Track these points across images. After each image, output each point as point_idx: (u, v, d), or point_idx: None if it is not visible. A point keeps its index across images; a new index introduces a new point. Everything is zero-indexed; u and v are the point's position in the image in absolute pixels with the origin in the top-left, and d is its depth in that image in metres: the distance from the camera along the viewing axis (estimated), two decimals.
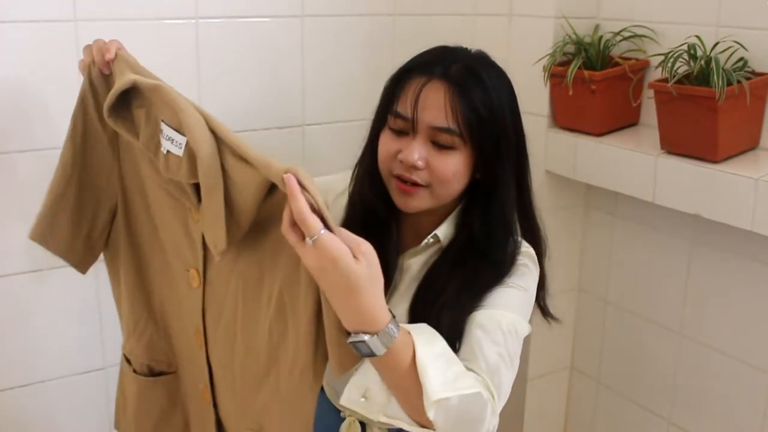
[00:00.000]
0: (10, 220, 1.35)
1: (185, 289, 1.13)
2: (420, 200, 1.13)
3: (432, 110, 1.10)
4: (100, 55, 1.07)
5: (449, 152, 1.11)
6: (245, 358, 1.08)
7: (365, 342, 0.92)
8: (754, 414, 1.54)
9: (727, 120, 1.36)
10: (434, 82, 1.11)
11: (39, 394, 1.44)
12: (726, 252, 1.55)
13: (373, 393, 1.00)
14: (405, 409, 0.99)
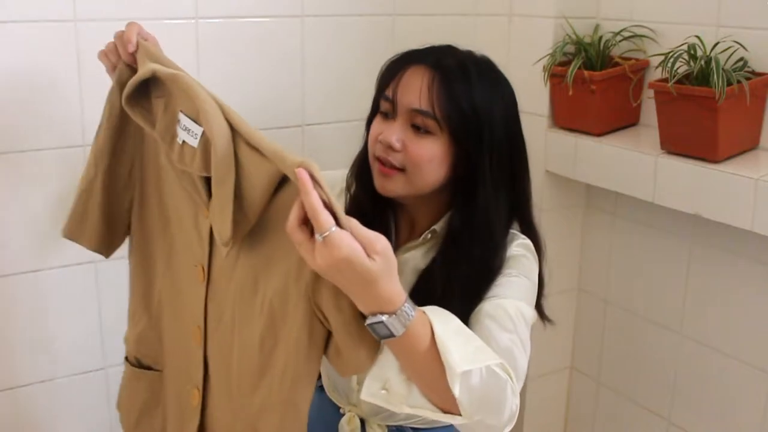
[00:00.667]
0: (10, 220, 1.35)
1: (191, 285, 1.12)
2: (395, 183, 1.14)
3: (412, 93, 1.13)
4: (123, 49, 1.08)
5: (426, 137, 1.13)
6: (241, 362, 1.07)
7: (383, 322, 0.91)
8: (754, 414, 1.54)
9: (727, 120, 1.36)
10: (421, 67, 1.14)
11: (39, 394, 1.44)
12: (726, 252, 1.55)
13: (393, 384, 0.98)
14: (428, 395, 0.98)
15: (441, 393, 0.95)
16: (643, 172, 1.50)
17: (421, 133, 1.13)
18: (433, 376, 0.95)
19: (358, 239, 0.87)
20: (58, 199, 1.38)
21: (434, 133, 1.13)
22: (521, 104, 1.21)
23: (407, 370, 0.97)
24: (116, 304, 1.47)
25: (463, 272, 1.12)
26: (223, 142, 0.94)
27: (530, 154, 1.78)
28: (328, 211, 0.85)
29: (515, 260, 1.17)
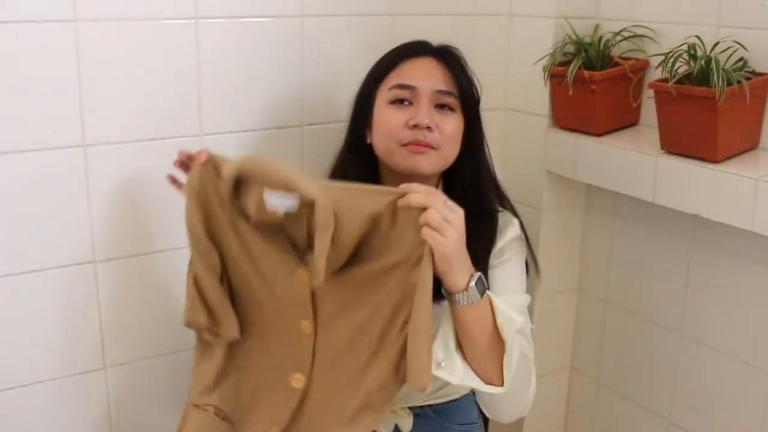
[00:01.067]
0: (10, 219, 1.35)
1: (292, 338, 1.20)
2: (430, 160, 1.27)
3: (432, 78, 1.29)
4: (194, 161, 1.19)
5: (451, 114, 1.30)
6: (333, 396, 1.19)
7: (480, 277, 1.13)
8: (754, 414, 1.54)
9: (727, 120, 1.37)
10: (426, 58, 1.31)
11: (39, 394, 1.44)
12: (726, 252, 1.55)
13: (454, 358, 1.16)
14: (477, 368, 1.17)
15: (489, 364, 1.16)
16: (643, 172, 1.51)
17: (446, 111, 1.29)
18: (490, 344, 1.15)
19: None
20: (58, 200, 1.38)
21: (455, 110, 1.30)
22: (521, 104, 1.25)
23: (467, 340, 1.15)
24: (116, 304, 1.47)
25: (473, 233, 1.24)
26: (322, 198, 1.08)
27: (530, 154, 1.80)
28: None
29: (517, 242, 1.35)
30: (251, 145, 1.54)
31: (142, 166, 1.44)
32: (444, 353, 1.16)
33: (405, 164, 1.27)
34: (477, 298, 1.12)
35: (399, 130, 1.26)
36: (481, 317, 1.14)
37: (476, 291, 1.12)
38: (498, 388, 1.16)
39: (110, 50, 1.36)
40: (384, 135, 1.29)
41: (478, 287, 1.12)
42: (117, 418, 1.53)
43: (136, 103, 1.41)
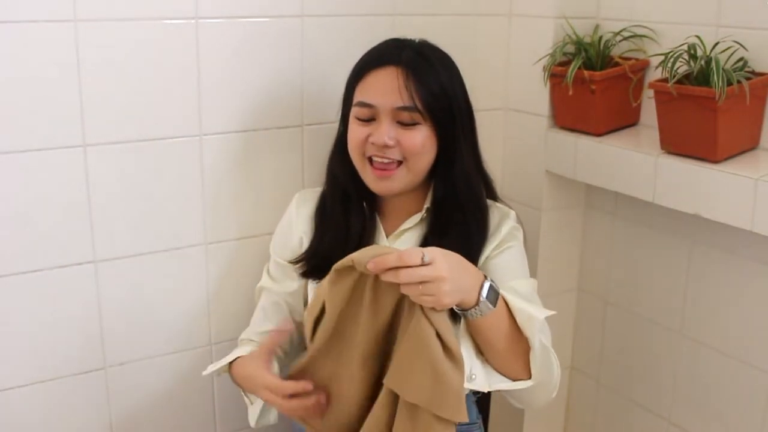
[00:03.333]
0: (10, 219, 1.35)
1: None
2: (398, 180, 1.29)
3: (391, 94, 1.25)
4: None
5: (414, 127, 1.27)
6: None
7: (491, 285, 1.13)
8: (754, 414, 1.54)
9: (727, 120, 1.36)
10: (389, 69, 1.27)
11: (39, 394, 1.44)
12: (726, 252, 1.55)
13: (477, 370, 1.16)
14: (501, 369, 1.18)
15: (513, 362, 1.17)
16: (643, 172, 1.50)
17: (409, 126, 1.27)
18: (511, 344, 1.15)
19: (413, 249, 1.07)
20: (58, 200, 1.38)
21: (419, 123, 1.27)
22: (521, 104, 1.24)
23: (487, 346, 1.16)
24: (116, 304, 1.47)
25: (457, 241, 1.26)
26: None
27: (530, 154, 1.80)
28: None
29: (515, 231, 1.37)
30: (251, 145, 1.54)
31: (142, 166, 1.44)
32: (470, 365, 1.15)
33: (373, 188, 1.31)
34: (490, 309, 1.12)
35: (361, 144, 1.29)
36: (498, 323, 1.15)
37: (488, 303, 1.12)
38: (526, 382, 1.17)
39: (110, 50, 1.36)
40: (351, 149, 1.32)
41: (490, 297, 1.12)
42: (117, 418, 1.53)
43: (136, 103, 1.41)
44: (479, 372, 1.16)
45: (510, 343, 1.16)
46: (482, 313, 1.12)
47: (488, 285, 1.13)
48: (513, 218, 1.38)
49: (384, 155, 1.27)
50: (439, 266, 1.05)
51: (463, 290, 1.10)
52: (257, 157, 1.56)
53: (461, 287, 1.09)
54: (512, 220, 1.37)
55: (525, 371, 1.18)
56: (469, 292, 1.11)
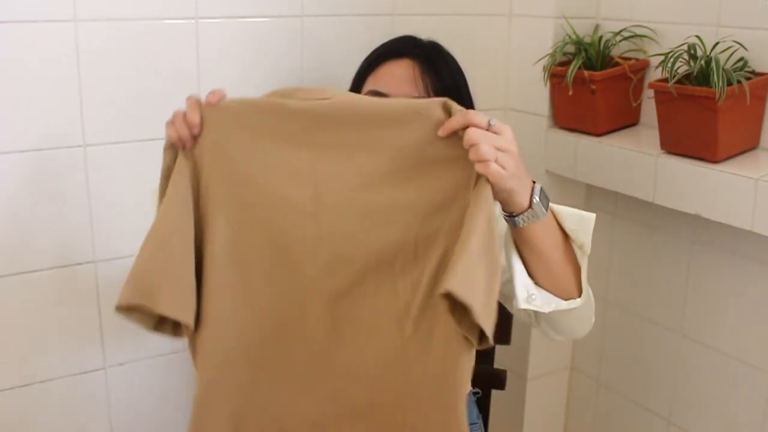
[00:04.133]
0: (8, 220, 1.35)
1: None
2: None
3: (406, 84, 1.25)
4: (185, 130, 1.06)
5: None
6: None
7: (542, 189, 1.02)
8: (754, 414, 1.54)
9: (727, 120, 1.36)
10: (404, 60, 1.27)
11: (39, 394, 1.44)
12: (726, 252, 1.55)
13: (534, 291, 1.08)
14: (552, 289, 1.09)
15: (564, 277, 1.09)
16: (643, 172, 1.50)
17: None
18: (561, 255, 1.07)
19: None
20: (58, 199, 1.38)
21: None
22: (521, 104, 1.23)
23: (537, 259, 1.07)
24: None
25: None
26: None
27: (530, 154, 1.79)
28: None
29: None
30: None
31: (142, 166, 1.44)
32: (526, 285, 1.08)
33: None
34: (543, 215, 1.02)
35: None
36: (548, 231, 1.05)
37: (542, 206, 1.02)
38: (577, 300, 1.10)
39: (110, 50, 1.36)
40: None
41: (543, 201, 1.02)
42: (117, 418, 1.53)
43: (136, 103, 1.41)
44: (536, 293, 1.08)
45: (562, 255, 1.07)
46: (535, 217, 1.01)
47: (540, 188, 1.02)
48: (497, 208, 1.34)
49: None
50: (511, 140, 0.96)
51: (520, 182, 0.99)
52: None
53: (519, 176, 0.98)
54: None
55: (576, 287, 1.10)
56: (523, 187, 1.00)
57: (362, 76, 1.33)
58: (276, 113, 1.04)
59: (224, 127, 1.07)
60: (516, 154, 0.96)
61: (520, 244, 1.07)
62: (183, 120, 1.06)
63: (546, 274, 1.08)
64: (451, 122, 0.95)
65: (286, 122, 1.03)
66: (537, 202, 1.01)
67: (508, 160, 0.94)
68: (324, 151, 1.02)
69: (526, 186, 1.01)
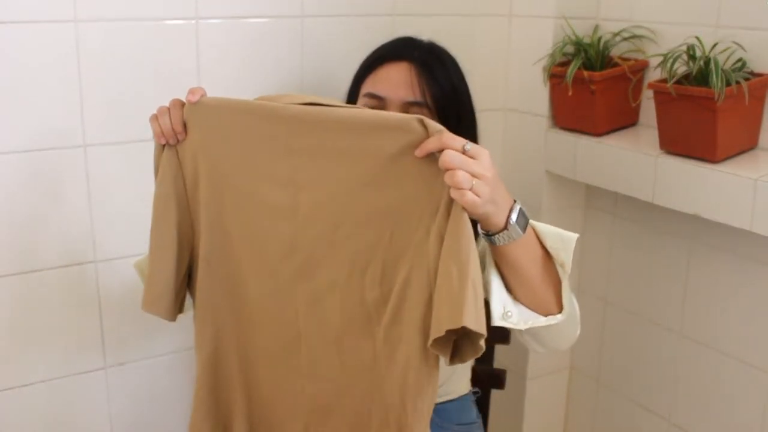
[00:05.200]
0: (8, 220, 1.35)
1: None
2: None
3: (403, 88, 1.25)
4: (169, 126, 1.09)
5: None
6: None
7: (521, 210, 1.02)
8: (754, 414, 1.54)
9: (726, 120, 1.37)
10: (402, 63, 1.26)
11: (39, 394, 1.44)
12: (725, 252, 1.55)
13: (511, 308, 1.07)
14: (532, 305, 1.08)
15: (544, 294, 1.08)
16: (642, 172, 1.51)
17: None
18: (540, 273, 1.07)
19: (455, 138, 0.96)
20: (58, 200, 1.38)
21: None
22: (521, 104, 1.23)
23: (516, 277, 1.07)
24: (116, 304, 1.48)
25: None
26: None
27: (530, 154, 1.80)
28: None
29: None
30: None
31: (142, 166, 1.44)
32: (503, 302, 1.07)
33: None
34: (519, 235, 1.02)
35: None
36: (527, 250, 1.05)
37: (517, 227, 1.01)
38: (557, 316, 1.09)
39: (110, 50, 1.37)
40: None
41: (520, 222, 1.02)
42: (117, 418, 1.54)
43: (136, 103, 1.41)
44: (512, 309, 1.07)
45: (541, 272, 1.07)
46: (511, 238, 1.01)
47: (518, 208, 1.02)
48: None
49: None
50: (487, 163, 0.95)
51: (496, 206, 0.99)
52: None
53: (495, 200, 0.98)
54: None
55: (555, 304, 1.09)
56: (499, 210, 1.00)
57: (361, 77, 1.33)
58: (259, 115, 1.05)
59: (207, 127, 1.09)
60: (492, 180, 0.96)
61: (499, 261, 1.07)
62: (166, 113, 1.08)
63: (525, 291, 1.08)
64: (427, 144, 0.95)
65: (269, 125, 1.04)
66: (513, 224, 1.01)
67: (483, 187, 0.94)
68: (304, 156, 1.04)
69: (503, 208, 1.01)
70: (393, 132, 0.97)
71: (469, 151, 0.94)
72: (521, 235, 1.02)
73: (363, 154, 1.00)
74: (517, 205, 1.03)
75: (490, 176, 0.95)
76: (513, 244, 1.03)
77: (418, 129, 0.96)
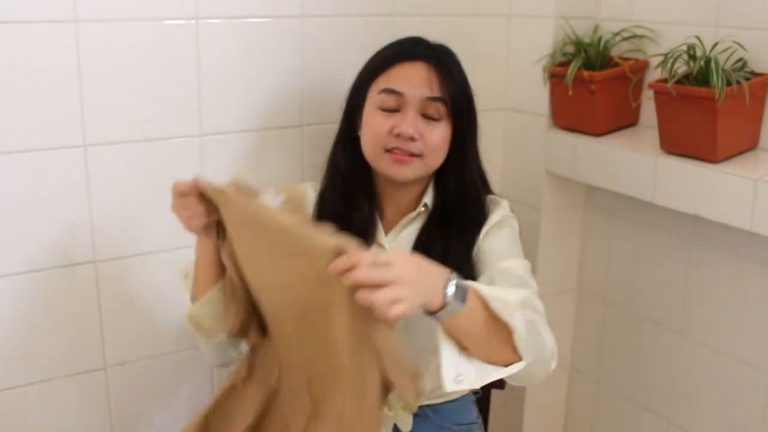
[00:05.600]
0: (8, 219, 1.35)
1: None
2: (413, 169, 1.29)
3: (421, 85, 1.28)
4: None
5: (437, 123, 1.29)
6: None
7: (457, 282, 1.04)
8: (753, 414, 1.54)
9: (726, 120, 1.37)
10: (418, 62, 1.29)
11: (39, 394, 1.44)
12: (725, 252, 1.55)
13: (464, 369, 1.08)
14: (488, 359, 1.10)
15: (499, 350, 1.09)
16: (643, 172, 1.51)
17: (432, 121, 1.28)
18: (491, 333, 1.07)
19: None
20: (58, 200, 1.38)
21: (441, 119, 1.29)
22: (521, 104, 1.23)
23: (468, 341, 1.08)
24: (116, 304, 1.48)
25: (462, 231, 1.29)
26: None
27: (530, 154, 1.80)
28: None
29: (509, 218, 1.34)
30: (251, 145, 1.54)
31: (142, 166, 1.44)
32: (456, 367, 1.09)
33: (387, 172, 1.30)
34: (460, 307, 1.04)
35: (384, 136, 1.28)
36: (473, 317, 1.07)
37: (456, 301, 1.03)
38: (518, 364, 1.10)
39: (110, 50, 1.37)
40: (369, 139, 1.31)
41: (458, 295, 1.04)
42: (117, 418, 1.54)
43: (136, 103, 1.41)
44: (466, 370, 1.09)
45: (491, 332, 1.08)
46: (453, 312, 1.03)
47: (453, 282, 1.04)
48: (505, 207, 1.36)
49: (407, 148, 1.27)
50: (399, 267, 0.97)
51: (425, 292, 1.02)
52: (257, 158, 1.56)
53: (422, 289, 1.01)
54: (504, 209, 1.35)
55: (515, 353, 1.10)
56: (433, 293, 1.02)
57: (371, 75, 1.33)
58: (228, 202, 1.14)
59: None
60: (410, 276, 0.97)
61: (446, 331, 1.08)
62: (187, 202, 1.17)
63: (478, 351, 1.09)
64: (337, 264, 0.96)
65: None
66: (450, 299, 1.02)
67: (402, 290, 0.95)
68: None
69: (435, 288, 1.02)
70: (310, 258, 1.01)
71: (378, 261, 0.96)
72: (462, 306, 1.03)
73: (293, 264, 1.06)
74: (453, 278, 1.04)
75: (407, 276, 0.97)
76: (457, 315, 1.04)
77: (330, 254, 0.97)
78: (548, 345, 1.16)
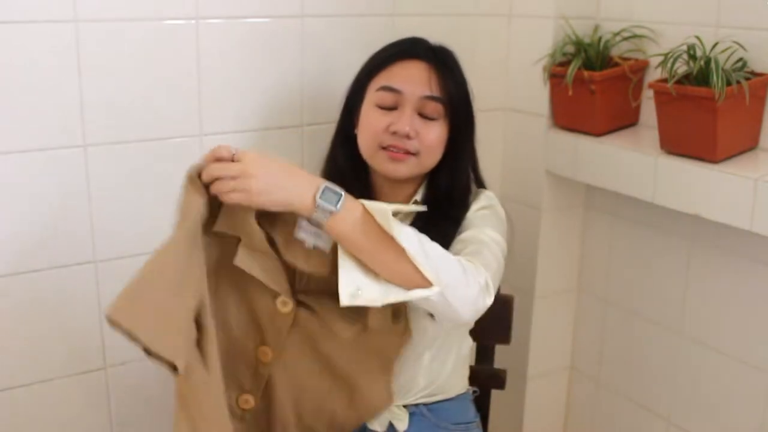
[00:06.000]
0: (9, 220, 1.35)
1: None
2: (408, 167, 1.30)
3: (420, 83, 1.28)
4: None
5: (434, 123, 1.29)
6: None
7: (328, 186, 1.08)
8: (753, 414, 1.54)
9: (726, 120, 1.37)
10: (417, 61, 1.30)
11: (39, 394, 1.44)
12: (725, 252, 1.55)
13: (364, 285, 1.10)
14: (396, 281, 1.10)
15: (403, 271, 1.09)
16: (643, 172, 1.51)
17: (429, 120, 1.29)
18: (386, 249, 1.09)
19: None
20: (58, 200, 1.38)
21: (438, 118, 1.29)
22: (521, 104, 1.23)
23: (363, 256, 1.10)
24: None
25: (442, 230, 1.27)
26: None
27: (530, 154, 1.80)
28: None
29: (491, 209, 1.34)
30: (251, 145, 1.54)
31: (142, 166, 1.44)
32: (355, 281, 1.09)
33: (383, 169, 1.31)
34: (333, 208, 1.07)
35: (380, 133, 1.29)
36: (357, 226, 1.09)
37: (326, 204, 1.07)
38: (428, 289, 1.09)
39: (110, 50, 1.37)
40: (366, 136, 1.32)
41: (328, 198, 1.08)
42: (117, 418, 1.53)
43: (136, 103, 1.41)
44: (367, 285, 1.09)
45: (385, 248, 1.09)
46: (327, 214, 1.07)
47: (323, 186, 1.08)
48: (484, 199, 1.35)
49: (403, 145, 1.28)
50: (249, 162, 1.06)
51: (287, 192, 1.07)
52: None
53: (282, 188, 1.07)
54: (481, 201, 1.34)
55: (425, 280, 1.09)
56: (299, 195, 1.08)
57: (371, 73, 1.34)
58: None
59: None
60: (262, 172, 1.06)
61: (340, 243, 1.11)
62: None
63: (379, 267, 1.11)
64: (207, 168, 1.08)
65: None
66: (320, 200, 1.07)
67: (249, 182, 1.05)
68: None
69: (300, 191, 1.08)
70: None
71: (235, 155, 1.07)
72: (335, 209, 1.07)
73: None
74: (323, 185, 1.09)
75: (255, 172, 1.05)
76: (338, 221, 1.08)
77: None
78: (470, 275, 1.13)
